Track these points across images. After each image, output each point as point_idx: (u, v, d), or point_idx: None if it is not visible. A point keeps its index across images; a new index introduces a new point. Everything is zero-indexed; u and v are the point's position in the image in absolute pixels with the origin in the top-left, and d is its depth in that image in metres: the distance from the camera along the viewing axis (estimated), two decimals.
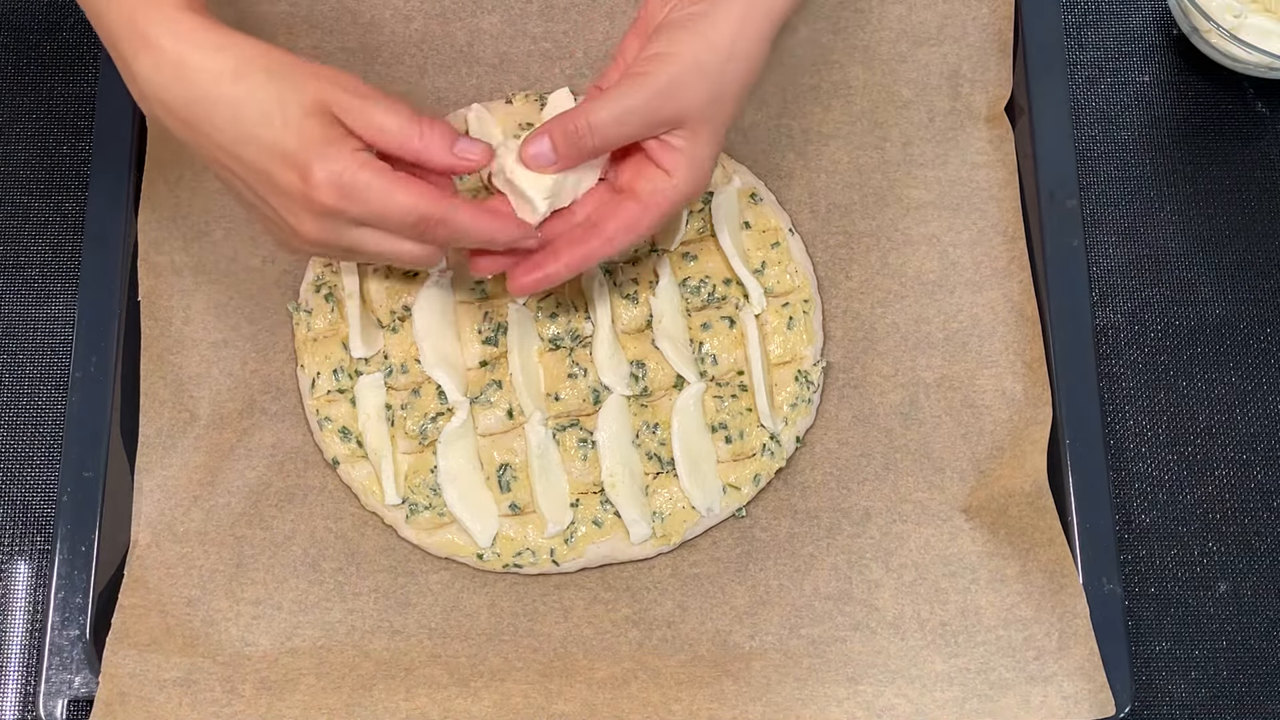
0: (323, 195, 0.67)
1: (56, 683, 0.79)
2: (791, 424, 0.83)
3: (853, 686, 0.78)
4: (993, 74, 0.89)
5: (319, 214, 0.68)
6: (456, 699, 0.78)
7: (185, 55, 0.67)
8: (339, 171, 0.67)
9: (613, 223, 0.73)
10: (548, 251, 0.74)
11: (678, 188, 0.73)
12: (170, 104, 0.68)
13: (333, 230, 0.69)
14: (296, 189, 0.67)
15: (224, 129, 0.67)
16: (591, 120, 0.70)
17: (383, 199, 0.68)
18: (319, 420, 0.83)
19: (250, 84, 0.67)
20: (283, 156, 0.67)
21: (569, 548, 0.81)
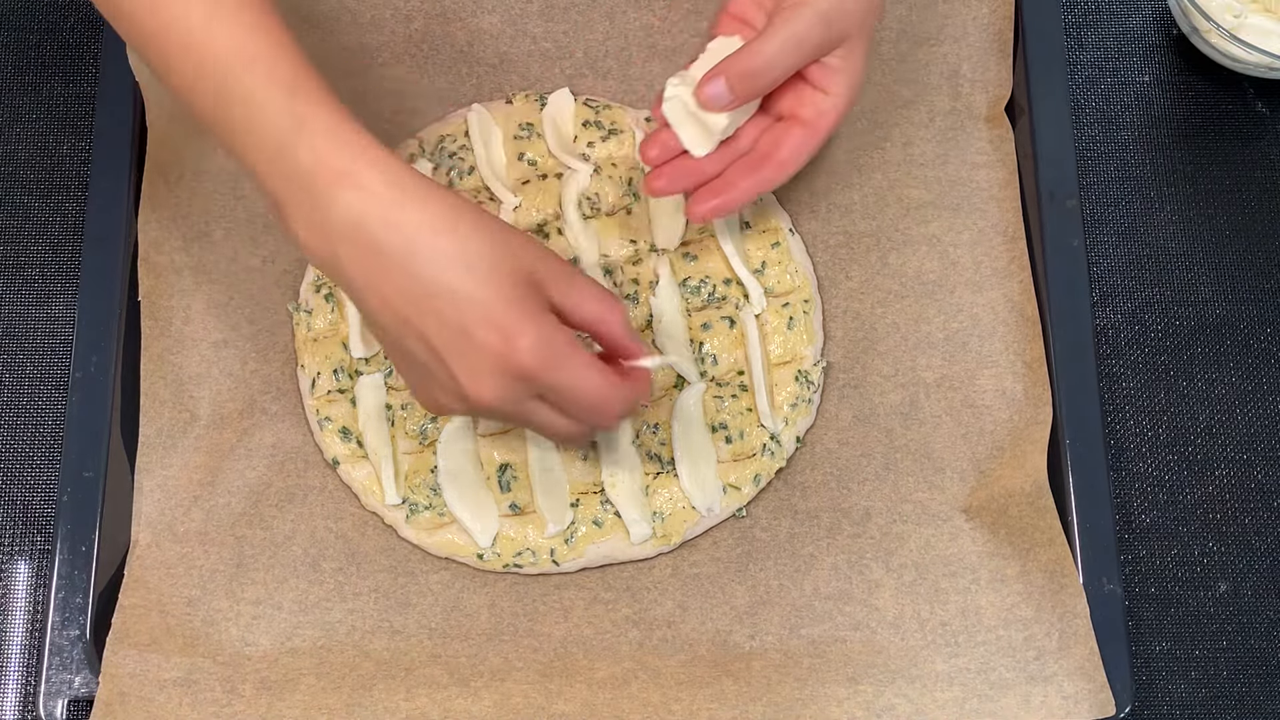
0: (525, 359, 0.66)
1: (56, 683, 0.79)
2: (792, 424, 0.83)
3: (853, 686, 0.78)
4: (993, 74, 0.89)
5: (511, 377, 0.67)
6: (456, 699, 0.78)
7: (396, 198, 0.65)
8: (547, 340, 0.67)
9: (783, 149, 0.78)
10: (723, 180, 0.79)
11: (838, 106, 0.77)
12: (364, 245, 0.66)
13: (513, 397, 0.68)
14: (493, 349, 0.66)
15: (421, 277, 0.65)
16: (765, 57, 0.74)
17: (578, 375, 0.68)
18: (319, 420, 0.83)
19: (459, 237, 0.66)
20: (486, 314, 0.66)
21: (569, 548, 0.81)
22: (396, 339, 0.68)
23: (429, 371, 0.68)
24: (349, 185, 0.65)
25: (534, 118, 0.88)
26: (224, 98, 0.67)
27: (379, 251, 0.66)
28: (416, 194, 0.66)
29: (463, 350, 0.66)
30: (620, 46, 0.90)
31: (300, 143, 0.66)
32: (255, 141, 0.67)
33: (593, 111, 0.88)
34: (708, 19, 0.90)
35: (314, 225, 0.66)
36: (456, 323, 0.66)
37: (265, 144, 0.66)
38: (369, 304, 0.67)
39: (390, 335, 0.68)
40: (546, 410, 0.70)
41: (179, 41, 0.67)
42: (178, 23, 0.67)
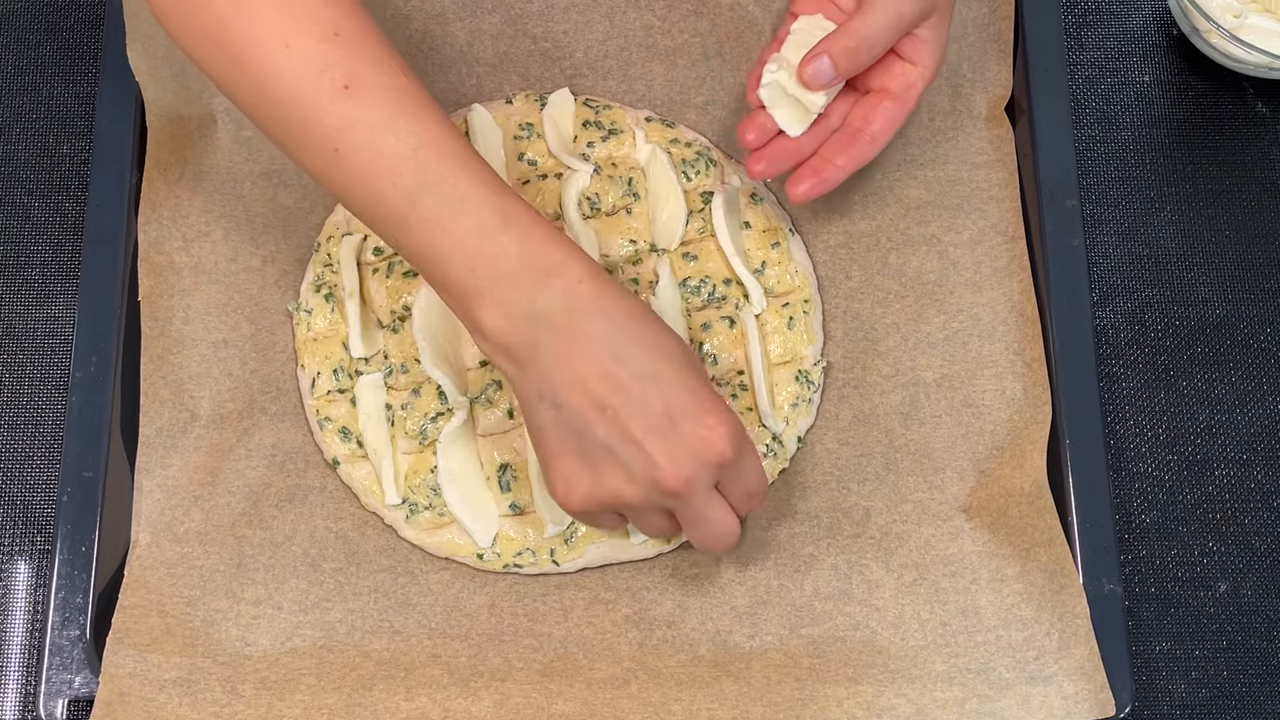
0: (726, 446, 0.69)
1: (56, 683, 0.79)
2: (792, 424, 0.83)
3: (853, 686, 0.78)
4: (993, 74, 0.89)
5: (711, 464, 0.69)
6: (456, 699, 0.78)
7: (604, 289, 0.69)
8: (740, 428, 0.70)
9: (876, 122, 0.80)
10: (820, 158, 0.80)
11: (925, 77, 0.80)
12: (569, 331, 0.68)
13: (703, 484, 0.70)
14: (699, 435, 0.68)
15: (630, 361, 0.68)
16: (867, 34, 0.77)
17: (756, 459, 0.72)
18: (319, 420, 0.83)
19: (660, 329, 0.70)
20: (691, 402, 0.68)
21: (569, 548, 0.81)
22: (580, 425, 0.69)
23: (609, 454, 0.69)
24: (560, 274, 0.68)
25: (534, 118, 0.88)
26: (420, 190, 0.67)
27: (587, 337, 0.68)
28: (618, 288, 0.70)
29: (666, 435, 0.68)
30: (620, 46, 0.90)
31: (509, 234, 0.68)
32: (453, 236, 0.68)
33: (593, 111, 0.88)
34: (708, 19, 0.90)
35: (515, 313, 0.68)
36: (663, 408, 0.68)
37: (465, 236, 0.68)
38: (559, 384, 0.68)
39: (571, 422, 0.69)
40: (719, 503, 0.72)
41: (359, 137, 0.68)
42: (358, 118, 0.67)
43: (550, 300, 0.68)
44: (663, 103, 0.90)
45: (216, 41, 0.69)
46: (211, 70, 0.70)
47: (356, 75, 0.68)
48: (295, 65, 0.67)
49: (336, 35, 0.68)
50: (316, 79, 0.67)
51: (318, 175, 0.70)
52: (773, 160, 0.81)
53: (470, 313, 0.69)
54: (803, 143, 0.81)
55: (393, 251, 0.85)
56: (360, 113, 0.67)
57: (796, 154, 0.81)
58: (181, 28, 0.70)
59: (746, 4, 0.91)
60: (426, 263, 0.69)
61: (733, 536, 0.73)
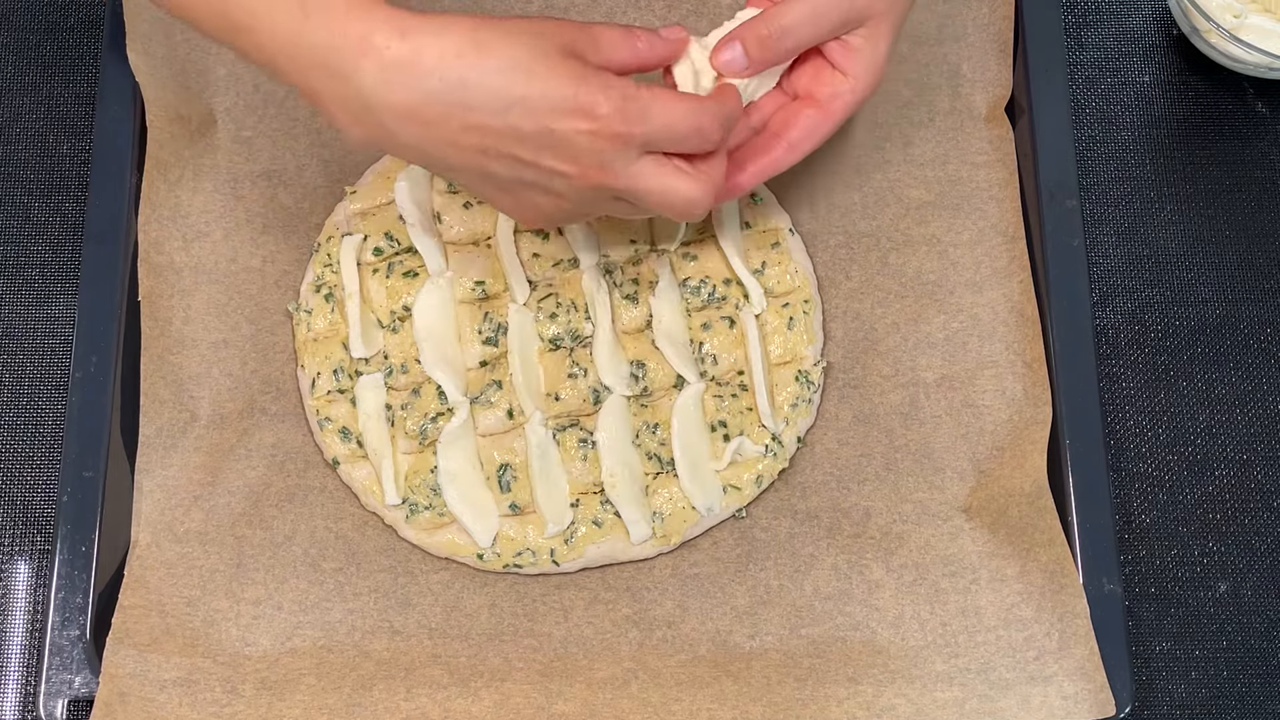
0: (614, 124, 0.65)
1: (56, 683, 0.79)
2: (792, 424, 0.83)
3: (853, 686, 0.78)
4: (993, 74, 0.89)
5: (609, 149, 0.66)
6: (456, 699, 0.78)
7: (418, 48, 0.64)
8: (621, 97, 0.65)
9: (794, 130, 0.75)
10: (732, 163, 0.75)
11: (855, 90, 0.75)
12: (409, 104, 0.64)
13: (617, 167, 0.66)
14: (581, 130, 0.65)
15: (482, 104, 0.64)
16: (784, 23, 0.72)
17: (666, 110, 0.67)
18: (319, 420, 0.83)
19: (496, 50, 0.64)
20: (558, 104, 0.64)
21: (569, 548, 0.81)
22: (480, 172, 0.67)
23: (525, 184, 0.68)
24: (364, 54, 0.64)
25: None
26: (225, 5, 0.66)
27: (428, 104, 0.64)
28: (431, 30, 0.64)
29: (556, 147, 0.65)
30: None
31: (311, 26, 0.65)
32: (276, 39, 0.66)
33: None
34: (708, 19, 0.90)
35: (352, 106, 0.65)
36: (535, 127, 0.65)
37: (283, 36, 0.65)
38: (439, 157, 0.66)
39: (472, 173, 0.68)
40: (653, 165, 0.68)
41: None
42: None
43: (372, 82, 0.64)
44: None
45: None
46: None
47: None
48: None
49: None
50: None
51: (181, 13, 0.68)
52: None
53: (328, 120, 0.67)
54: None
55: (393, 252, 0.85)
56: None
57: None
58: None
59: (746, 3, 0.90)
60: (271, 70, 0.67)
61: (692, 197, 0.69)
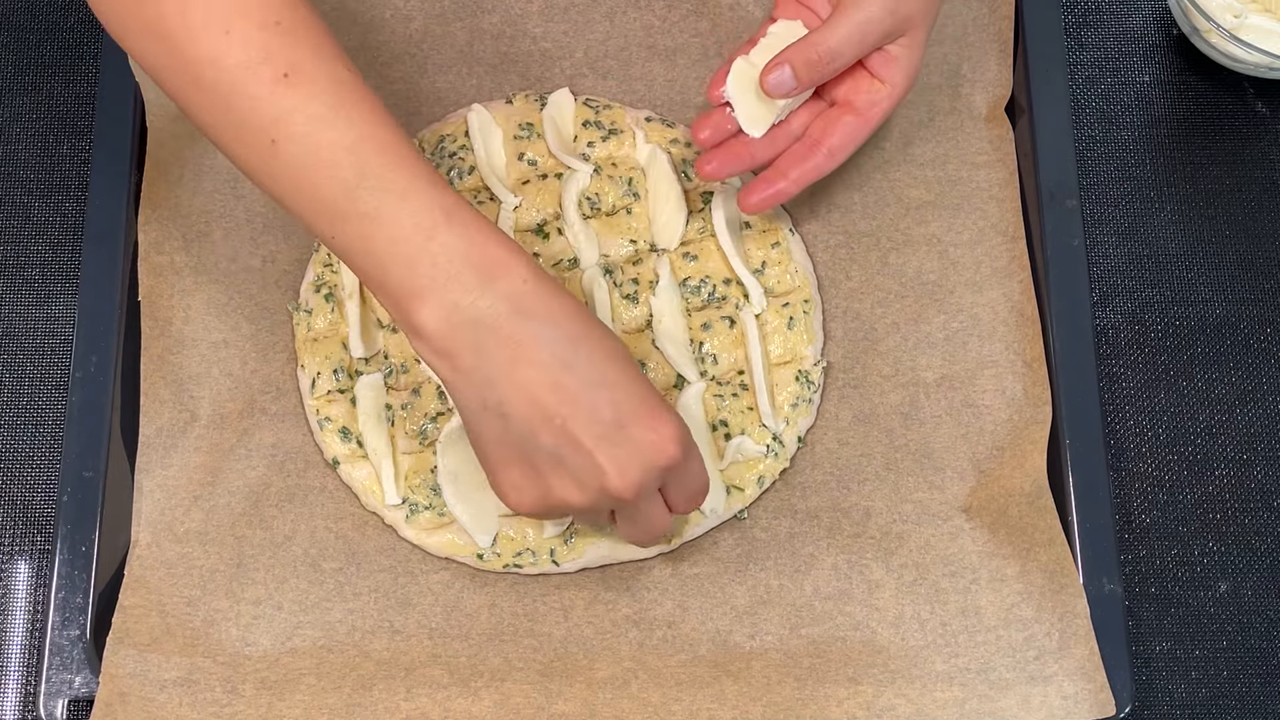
0: (674, 450, 0.68)
1: (56, 683, 0.79)
2: (792, 424, 0.83)
3: (853, 686, 0.78)
4: (993, 74, 0.89)
5: (658, 469, 0.68)
6: (456, 699, 0.78)
7: (550, 295, 0.66)
8: (686, 431, 0.70)
9: (834, 137, 0.79)
10: (775, 170, 0.80)
11: (892, 96, 0.78)
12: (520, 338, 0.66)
13: (649, 488, 0.69)
14: (648, 442, 0.67)
15: (577, 368, 0.66)
16: (831, 45, 0.75)
17: (700, 461, 0.72)
18: (319, 420, 0.83)
19: (602, 334, 0.68)
20: (640, 408, 0.67)
21: (569, 548, 0.81)
22: (527, 432, 0.67)
23: (558, 463, 0.68)
24: (504, 274, 0.66)
25: (534, 118, 0.88)
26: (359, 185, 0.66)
27: (534, 343, 0.66)
28: (562, 289, 0.67)
29: (616, 442, 0.67)
30: (620, 46, 0.90)
31: (451, 231, 0.66)
32: (391, 232, 0.66)
33: (593, 111, 0.88)
34: (708, 19, 0.90)
35: (456, 315, 0.66)
36: (612, 416, 0.67)
37: (405, 233, 0.65)
38: (504, 392, 0.66)
39: (517, 425, 0.67)
40: (659, 503, 0.72)
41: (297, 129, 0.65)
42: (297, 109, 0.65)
43: (494, 302, 0.65)
44: (663, 103, 0.90)
45: (156, 33, 0.67)
46: (149, 61, 0.68)
47: (297, 64, 0.66)
48: (234, 52, 0.65)
49: (278, 23, 0.66)
50: (256, 66, 0.65)
51: (253, 169, 0.68)
52: (725, 161, 0.80)
53: (408, 314, 0.66)
54: (757, 149, 0.80)
55: None
56: (299, 103, 0.65)
57: (749, 159, 0.81)
58: (122, 23, 0.68)
59: (746, 4, 0.91)
60: (364, 261, 0.67)
61: (664, 533, 0.74)
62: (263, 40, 0.65)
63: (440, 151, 0.87)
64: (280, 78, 0.65)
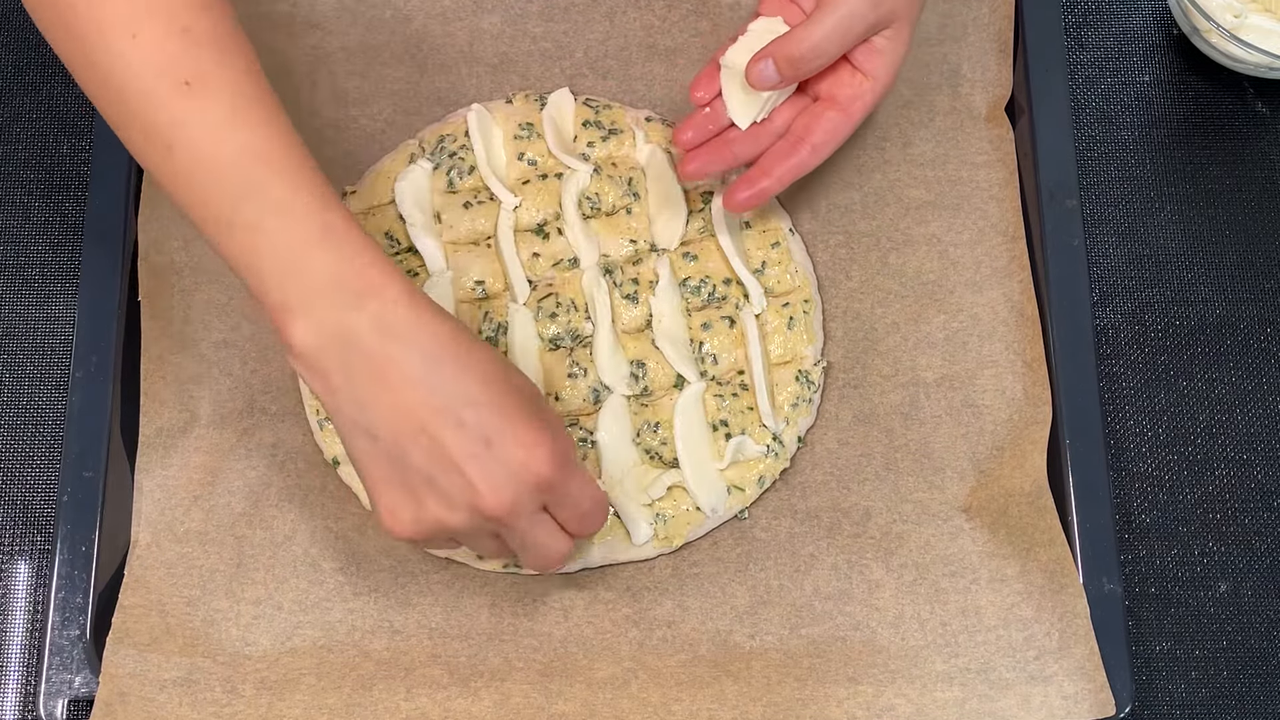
0: (545, 467, 0.67)
1: (56, 683, 0.79)
2: (793, 424, 0.83)
3: (853, 686, 0.78)
4: (993, 74, 0.89)
5: (530, 486, 0.67)
6: (456, 699, 0.78)
7: (420, 314, 0.66)
8: (563, 449, 0.68)
9: (817, 133, 0.78)
10: (759, 168, 0.79)
11: (875, 90, 0.77)
12: (389, 357, 0.65)
13: (526, 506, 0.68)
14: (516, 458, 0.66)
15: (443, 388, 0.66)
16: (814, 42, 0.75)
17: (585, 481, 0.71)
18: (319, 420, 0.83)
19: (478, 355, 0.68)
20: (508, 424, 0.66)
21: None
22: (396, 450, 0.67)
23: (429, 482, 0.67)
24: (376, 295, 0.65)
25: (534, 118, 0.88)
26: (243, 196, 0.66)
27: (401, 360, 0.65)
28: (436, 312, 0.67)
29: (483, 459, 0.66)
30: (620, 46, 0.90)
31: (326, 249, 0.66)
32: (270, 245, 0.66)
33: (593, 111, 0.88)
34: (708, 19, 0.90)
35: (325, 331, 0.66)
36: (478, 433, 0.66)
37: (281, 247, 0.66)
38: (373, 414, 0.66)
39: (386, 446, 0.67)
40: (546, 525, 0.70)
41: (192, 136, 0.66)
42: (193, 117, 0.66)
43: (362, 321, 0.65)
44: (663, 103, 0.90)
45: (65, 25, 0.67)
46: (60, 51, 0.68)
47: (200, 73, 0.65)
48: (140, 56, 0.65)
49: (185, 30, 0.66)
50: (159, 73, 0.65)
51: (152, 170, 0.68)
52: (708, 160, 0.80)
53: (282, 329, 0.66)
54: (739, 147, 0.80)
55: (393, 251, 0.85)
56: (196, 112, 0.65)
57: (732, 158, 0.81)
58: (35, 11, 0.69)
59: (747, 3, 0.91)
60: (245, 273, 0.67)
61: (560, 559, 0.72)
62: (169, 47, 0.66)
63: (440, 151, 0.87)
64: (182, 85, 0.65)
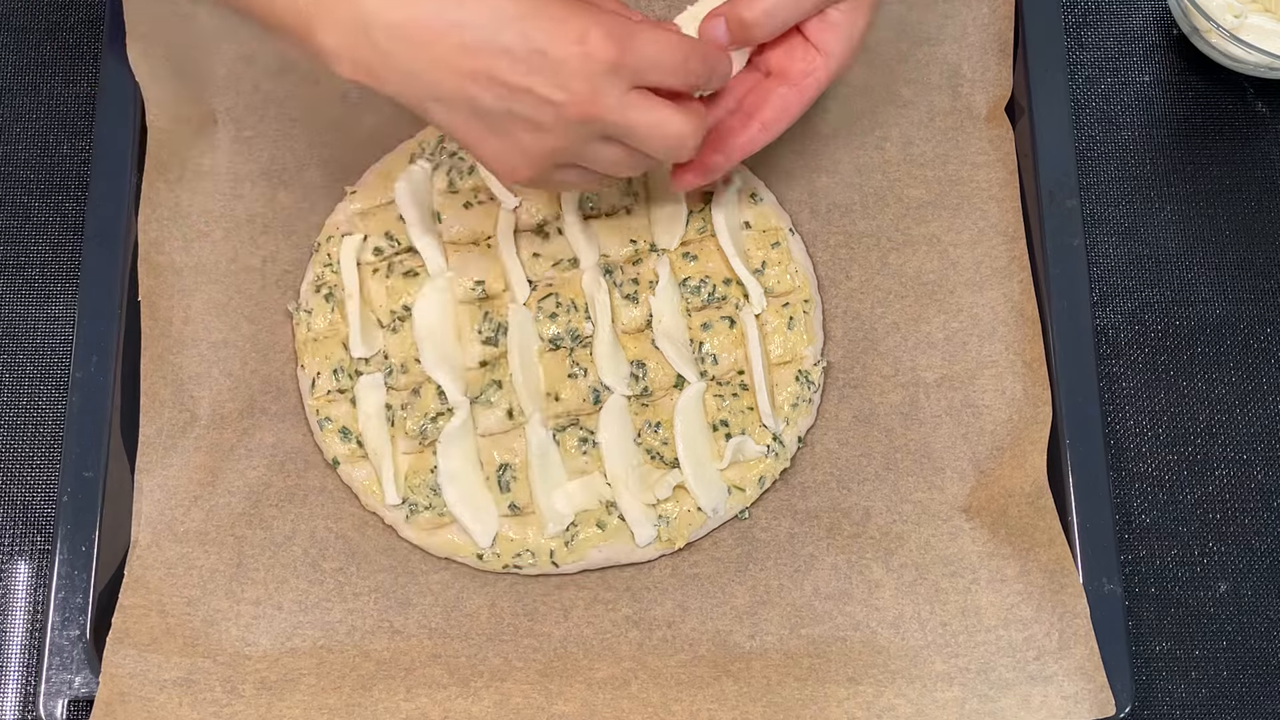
0: (605, 48, 0.64)
1: (56, 683, 0.79)
2: (792, 424, 0.83)
3: (853, 686, 0.78)
4: (993, 74, 0.89)
5: (597, 74, 0.64)
6: (456, 699, 0.78)
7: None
8: (617, 22, 0.65)
9: (768, 110, 0.75)
10: (707, 146, 0.76)
11: (829, 67, 0.74)
12: (406, 20, 0.63)
13: (608, 98, 0.65)
14: (573, 53, 0.64)
15: (476, 22, 0.63)
16: (766, 6, 0.72)
17: (655, 39, 0.66)
18: (319, 420, 0.83)
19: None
20: (551, 26, 0.64)
21: (569, 550, 0.81)
22: (468, 103, 0.65)
23: (511, 116, 0.66)
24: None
25: None
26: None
27: (427, 24, 0.63)
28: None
29: (543, 70, 0.64)
30: None
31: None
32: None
33: None
34: None
35: (349, 29, 0.64)
36: (527, 49, 0.64)
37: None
38: (430, 82, 0.65)
39: (460, 104, 0.66)
40: (642, 98, 0.67)
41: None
42: None
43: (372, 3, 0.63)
44: None
45: None
46: None
47: None
48: None
49: None
50: None
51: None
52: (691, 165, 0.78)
53: (313, 47, 0.65)
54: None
55: (393, 251, 0.85)
56: None
57: None
58: None
59: None
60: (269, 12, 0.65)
61: (683, 132, 0.68)
62: None
63: (440, 151, 0.87)
64: None
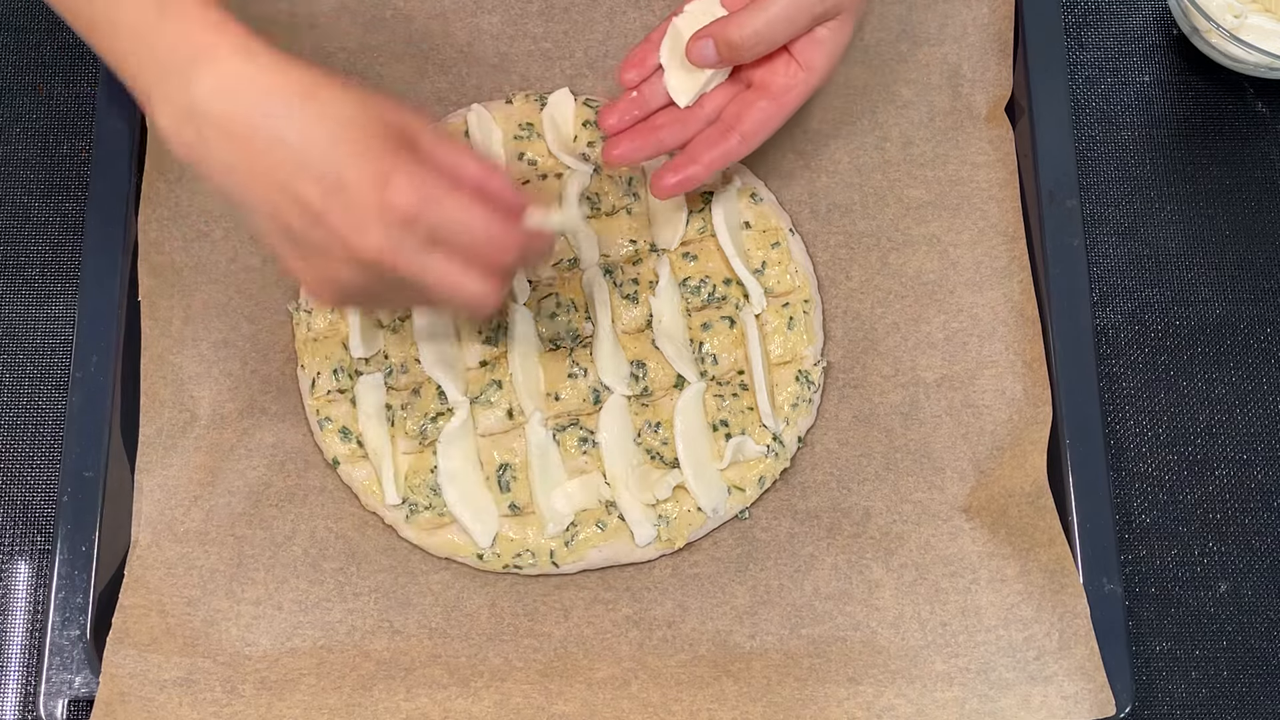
0: (402, 197, 0.63)
1: (56, 683, 0.79)
2: (793, 424, 0.83)
3: (853, 686, 0.78)
4: (993, 74, 0.89)
5: (394, 222, 0.63)
6: (456, 699, 0.78)
7: (256, 71, 0.63)
8: (421, 177, 0.64)
9: (747, 122, 0.77)
10: (686, 155, 0.78)
11: (810, 81, 0.76)
12: (230, 117, 0.63)
13: (402, 245, 0.64)
14: (369, 194, 0.63)
15: (291, 143, 0.63)
16: (756, 28, 0.74)
17: (461, 208, 0.65)
18: (319, 420, 0.83)
19: (325, 99, 0.64)
20: (360, 164, 0.63)
21: (569, 550, 0.81)
22: (275, 216, 0.65)
23: (312, 241, 0.65)
24: (207, 62, 0.63)
25: (534, 118, 0.88)
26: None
27: (247, 125, 0.63)
28: (275, 65, 0.64)
29: (342, 204, 0.63)
30: (620, 46, 0.90)
31: (164, 26, 0.64)
32: (117, 29, 0.65)
33: (593, 111, 0.88)
34: None
35: (178, 111, 0.64)
36: (333, 179, 0.63)
37: (127, 31, 0.65)
38: (240, 184, 0.65)
39: (266, 214, 0.65)
40: (441, 262, 0.65)
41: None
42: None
43: (202, 91, 0.63)
44: None
45: None
46: None
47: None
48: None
49: None
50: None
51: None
52: (632, 146, 0.79)
53: (150, 116, 0.65)
54: (665, 134, 0.80)
55: None
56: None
57: (657, 144, 0.80)
58: None
59: None
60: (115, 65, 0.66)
61: (477, 296, 0.66)
62: None
63: None
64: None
